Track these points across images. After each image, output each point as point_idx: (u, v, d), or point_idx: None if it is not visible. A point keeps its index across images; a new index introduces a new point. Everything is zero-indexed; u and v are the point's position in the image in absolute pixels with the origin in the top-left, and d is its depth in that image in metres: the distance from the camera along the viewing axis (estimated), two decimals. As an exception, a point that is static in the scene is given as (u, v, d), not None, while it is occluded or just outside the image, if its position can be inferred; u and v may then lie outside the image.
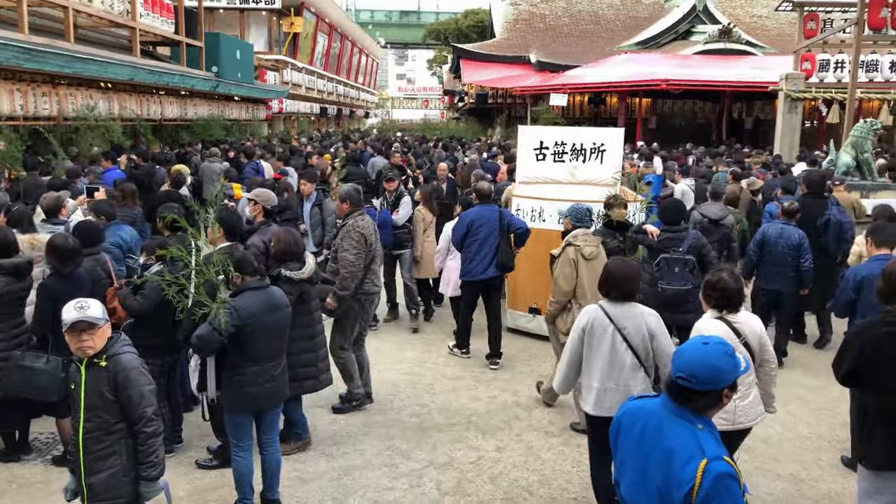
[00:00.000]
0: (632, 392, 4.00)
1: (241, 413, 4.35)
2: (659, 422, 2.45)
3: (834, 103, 17.93)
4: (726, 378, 2.38)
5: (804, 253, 7.05)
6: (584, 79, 28.38)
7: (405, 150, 17.91)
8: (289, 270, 4.87)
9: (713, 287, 3.96)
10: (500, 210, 7.29)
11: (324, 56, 37.54)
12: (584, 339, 4.18)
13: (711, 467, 2.25)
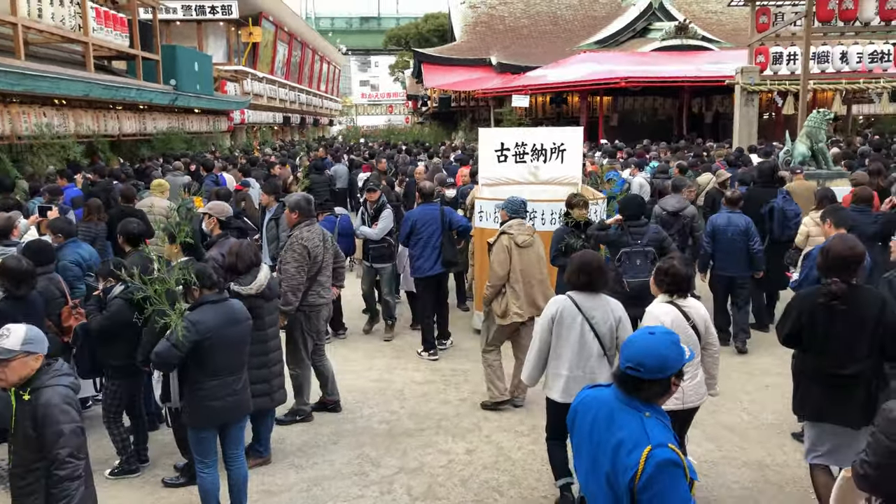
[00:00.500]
0: (598, 380, 4.13)
1: (204, 428, 4.29)
2: (610, 411, 2.51)
3: (789, 95, 18.27)
4: (673, 366, 2.44)
5: (752, 237, 7.38)
6: (545, 79, 28.64)
7: (368, 156, 17.88)
8: (239, 285, 4.80)
9: (665, 273, 4.21)
10: (441, 209, 7.72)
11: (284, 65, 37.30)
12: (552, 329, 4.32)
13: (654, 454, 2.30)
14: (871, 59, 17.91)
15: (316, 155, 17.93)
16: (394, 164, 14.73)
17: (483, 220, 8.08)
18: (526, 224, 6.14)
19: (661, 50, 31.08)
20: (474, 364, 7.23)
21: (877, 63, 17.98)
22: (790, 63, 18.06)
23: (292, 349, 5.81)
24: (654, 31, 34.35)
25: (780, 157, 12.35)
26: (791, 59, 18.04)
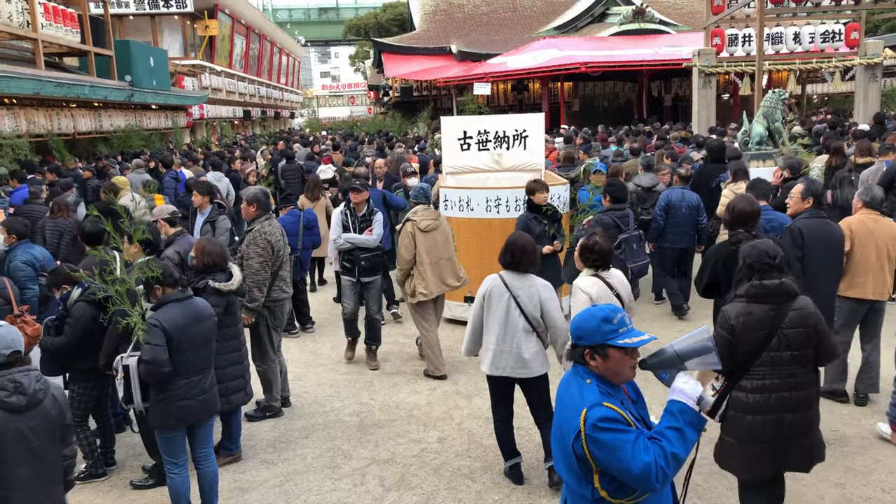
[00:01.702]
0: (523, 355, 4.45)
1: (174, 429, 4.23)
2: (566, 380, 2.63)
3: (745, 76, 18.56)
4: (584, 336, 2.51)
5: (701, 212, 7.93)
6: (506, 66, 28.66)
7: (334, 147, 17.74)
8: (216, 282, 4.75)
9: (591, 250, 4.49)
10: (383, 192, 8.58)
11: (243, 58, 36.79)
12: (483, 305, 4.57)
13: (590, 414, 2.39)
14: (822, 39, 18.27)
15: (276, 148, 17.77)
16: (355, 157, 14.63)
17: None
18: (430, 209, 6.76)
19: (620, 34, 31.31)
20: (445, 354, 7.23)
21: (828, 43, 18.35)
22: (745, 45, 18.36)
23: (259, 345, 5.76)
24: (612, 16, 34.57)
25: (739, 138, 12.53)
26: (746, 41, 18.34)
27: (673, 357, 2.53)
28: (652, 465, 2.31)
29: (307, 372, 6.95)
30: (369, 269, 6.77)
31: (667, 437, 2.40)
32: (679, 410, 2.45)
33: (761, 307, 3.53)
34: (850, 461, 4.80)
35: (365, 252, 6.72)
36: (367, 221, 6.77)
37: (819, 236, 5.04)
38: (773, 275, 3.56)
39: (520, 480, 4.68)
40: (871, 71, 18.64)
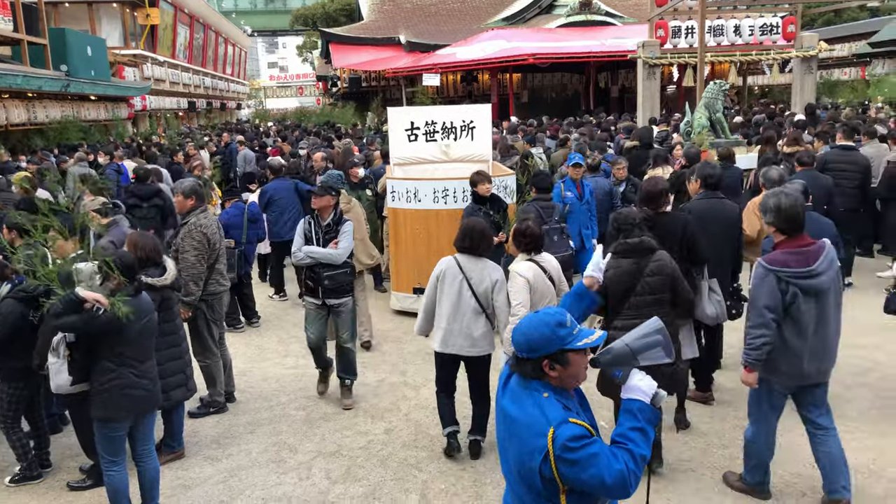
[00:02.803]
0: (473, 335, 4.67)
1: (117, 420, 4.09)
2: (516, 397, 2.42)
3: (688, 67, 18.91)
4: (541, 348, 2.34)
5: (615, 198, 8.51)
6: (455, 57, 28.64)
7: (281, 138, 17.51)
8: (149, 277, 4.63)
9: (523, 234, 4.67)
10: (295, 182, 9.08)
11: (187, 48, 35.96)
12: (437, 286, 4.75)
13: (559, 434, 2.25)
14: (761, 32, 18.72)
15: (220, 140, 17.45)
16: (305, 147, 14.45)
17: (396, 201, 8.06)
18: (343, 193, 7.04)
19: (567, 26, 31.55)
20: (392, 344, 7.27)
21: (767, 35, 18.81)
22: (688, 36, 18.67)
23: (199, 340, 5.65)
24: (559, 7, 34.75)
25: (681, 128, 12.79)
26: (689, 33, 18.65)
27: (626, 353, 2.43)
28: (624, 471, 2.26)
29: (252, 367, 6.86)
30: (335, 290, 5.65)
31: (632, 440, 2.35)
32: (639, 409, 2.39)
33: (627, 261, 4.26)
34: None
35: (329, 269, 5.60)
36: (334, 232, 5.66)
37: (709, 215, 5.43)
38: (635, 233, 4.30)
39: (457, 448, 4.90)
40: (807, 63, 19.20)
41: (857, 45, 31.05)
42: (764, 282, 3.90)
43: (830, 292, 3.93)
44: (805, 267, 3.85)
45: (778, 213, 3.94)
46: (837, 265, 4.01)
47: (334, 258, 5.58)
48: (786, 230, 3.96)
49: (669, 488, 4.44)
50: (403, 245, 8.06)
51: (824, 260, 3.89)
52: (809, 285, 3.86)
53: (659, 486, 4.42)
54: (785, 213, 3.92)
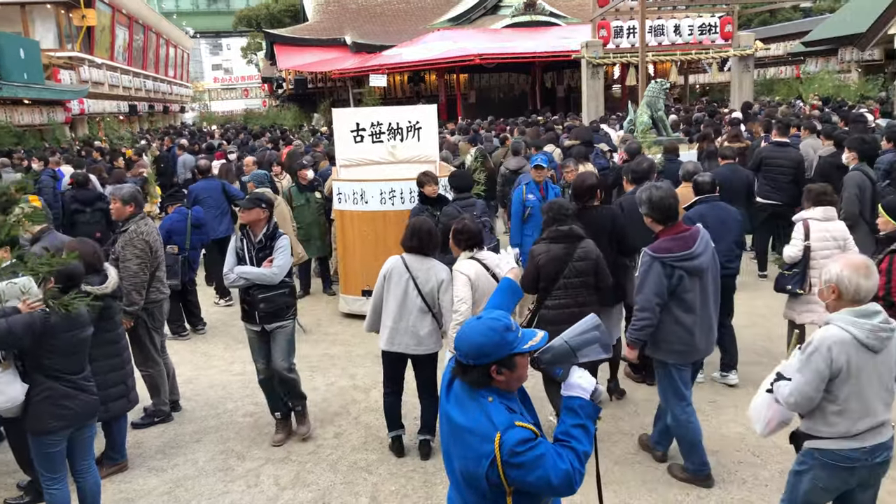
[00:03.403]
0: (419, 333, 4.71)
1: (52, 433, 3.96)
2: (460, 402, 2.40)
3: (630, 67, 19.28)
4: (490, 354, 2.30)
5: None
6: (401, 58, 28.60)
7: (225, 140, 17.23)
8: (89, 285, 4.50)
9: (461, 232, 4.72)
10: (222, 183, 9.22)
11: (126, 50, 35.08)
12: (384, 284, 4.76)
13: (506, 439, 2.24)
14: (700, 32, 19.22)
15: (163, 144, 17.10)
16: (248, 150, 14.27)
17: (342, 203, 8.00)
18: (268, 192, 7.18)
19: (512, 26, 31.82)
20: (342, 348, 7.22)
21: (706, 35, 19.33)
22: (630, 36, 19.06)
23: (140, 349, 5.51)
24: (504, 8, 35.05)
25: (625, 127, 13.02)
26: (630, 33, 19.04)
27: (567, 351, 2.43)
28: (570, 471, 2.27)
29: (199, 374, 6.73)
30: (272, 314, 5.04)
31: (575, 437, 2.36)
32: (580, 406, 2.41)
33: (558, 246, 4.69)
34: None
35: (264, 290, 4.99)
36: (268, 249, 5.03)
37: (635, 208, 5.54)
38: (567, 222, 4.73)
39: (401, 452, 4.95)
40: (744, 62, 19.78)
41: (791, 44, 32.09)
42: (651, 269, 4.17)
43: (709, 272, 4.27)
44: (686, 250, 4.16)
45: (650, 204, 4.27)
46: (712, 246, 4.34)
47: (269, 279, 4.96)
48: (660, 220, 4.28)
49: (617, 480, 4.51)
50: (351, 247, 8.01)
51: (700, 243, 4.22)
52: (692, 266, 4.17)
53: (606, 479, 4.49)
54: (657, 204, 4.24)
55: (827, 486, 3.17)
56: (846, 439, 3.06)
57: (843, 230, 5.53)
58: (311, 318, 8.25)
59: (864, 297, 3.01)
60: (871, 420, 3.04)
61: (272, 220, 5.15)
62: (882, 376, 3.05)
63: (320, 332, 7.80)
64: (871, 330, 2.97)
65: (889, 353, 3.05)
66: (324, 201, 8.99)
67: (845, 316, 3.01)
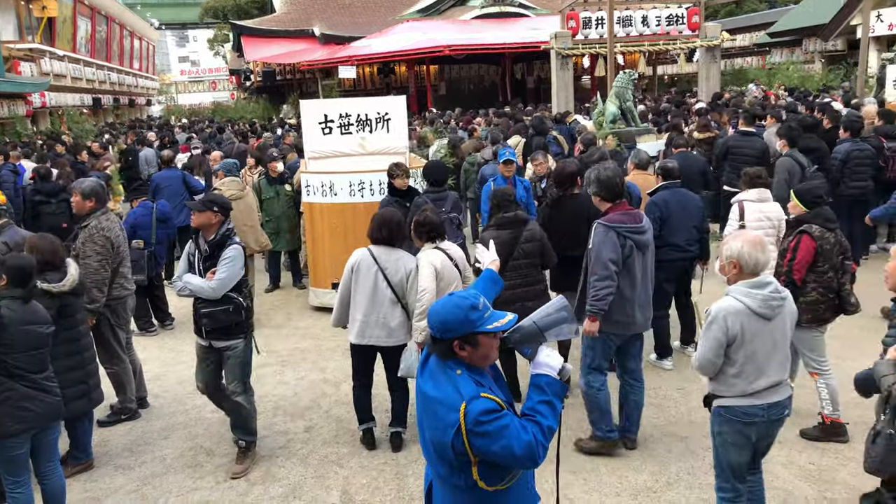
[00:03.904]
0: (390, 325, 4.68)
1: (16, 436, 3.87)
2: (431, 374, 2.49)
3: (599, 58, 19.36)
4: (453, 329, 2.41)
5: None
6: (371, 49, 28.42)
7: (192, 134, 16.99)
8: (47, 283, 4.39)
9: (423, 224, 4.75)
10: (182, 173, 9.49)
11: (88, 42, 34.36)
12: (351, 278, 4.71)
13: (471, 408, 2.33)
14: (668, 22, 19.37)
15: (127, 138, 16.82)
16: (215, 144, 14.09)
17: (311, 195, 7.93)
18: (236, 181, 7.79)
19: (482, 17, 31.76)
20: (313, 341, 7.17)
21: (673, 25, 19.48)
22: (598, 27, 19.14)
23: (104, 346, 5.39)
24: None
25: (594, 117, 13.08)
26: (599, 24, 19.11)
27: (535, 331, 2.52)
28: (532, 442, 2.34)
29: (167, 370, 6.64)
30: (221, 331, 4.60)
31: (540, 413, 2.44)
32: (546, 384, 2.49)
33: (505, 231, 4.95)
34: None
35: (206, 305, 4.54)
36: (215, 258, 4.55)
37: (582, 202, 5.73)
38: (511, 208, 5.06)
39: (372, 445, 4.94)
40: (711, 52, 19.97)
41: (757, 35, 32.50)
42: (607, 237, 4.38)
43: (649, 251, 4.55)
44: (634, 224, 4.44)
45: (598, 183, 4.50)
46: (651, 227, 4.64)
47: (207, 293, 4.48)
48: (608, 198, 4.51)
49: (587, 469, 4.54)
50: (320, 240, 7.95)
51: (645, 221, 4.55)
52: (640, 240, 4.44)
53: (576, 468, 4.53)
54: (605, 183, 4.47)
55: (735, 441, 3.45)
56: (745, 397, 3.37)
57: (778, 211, 5.75)
58: (282, 312, 8.19)
59: (761, 270, 3.32)
60: (766, 380, 3.34)
61: (224, 226, 4.64)
62: (777, 341, 3.34)
63: (290, 325, 7.74)
64: (762, 300, 3.27)
65: (782, 320, 3.35)
66: (293, 194, 8.90)
67: (740, 288, 3.32)
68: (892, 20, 22.29)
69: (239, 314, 4.59)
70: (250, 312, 4.79)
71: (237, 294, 4.58)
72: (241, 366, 4.72)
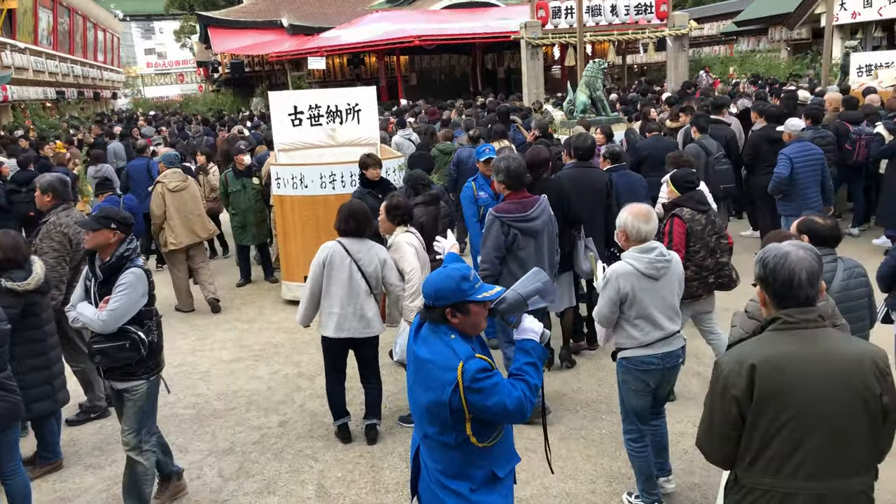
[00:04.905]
0: (367, 315, 4.70)
1: None
2: (424, 339, 2.69)
3: (569, 47, 19.41)
4: (446, 297, 2.62)
5: None
6: (340, 40, 28.22)
7: (160, 127, 16.72)
8: (10, 280, 4.29)
9: (396, 207, 4.91)
10: (147, 161, 9.84)
11: (51, 34, 33.59)
12: (323, 272, 4.66)
13: (468, 367, 2.54)
14: (636, 12, 19.46)
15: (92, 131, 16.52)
16: (183, 136, 13.89)
17: (281, 188, 7.86)
18: (178, 173, 7.95)
19: (451, 7, 31.70)
20: (286, 335, 7.12)
21: (642, 15, 19.58)
22: (568, 17, 19.17)
23: (69, 344, 5.26)
24: (442, -11, 34.87)
25: (564, 107, 13.11)
26: (568, 13, 19.15)
27: (519, 300, 2.71)
28: (522, 398, 2.57)
29: (137, 367, 6.53)
30: (115, 370, 3.92)
31: (527, 373, 2.68)
32: (532, 347, 2.75)
33: (431, 208, 5.66)
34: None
35: (100, 340, 3.85)
36: (109, 284, 3.86)
37: (581, 181, 5.97)
38: (426, 189, 5.79)
39: (347, 439, 4.93)
40: (679, 41, 20.13)
41: (724, 23, 32.84)
42: (492, 226, 4.76)
43: (544, 233, 4.87)
44: (522, 213, 4.76)
45: (507, 172, 4.80)
46: (550, 212, 4.97)
47: (96, 326, 3.80)
48: (511, 185, 4.84)
49: (563, 456, 4.57)
50: (292, 233, 7.88)
51: (538, 208, 4.83)
52: (526, 227, 4.77)
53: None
54: (513, 173, 4.80)
55: (636, 388, 3.85)
56: (642, 348, 3.78)
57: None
58: (254, 307, 8.12)
59: (646, 238, 3.74)
60: (659, 332, 3.76)
61: (123, 246, 3.94)
62: (665, 298, 3.79)
63: (263, 319, 7.67)
64: (648, 262, 3.71)
65: (669, 280, 3.80)
66: (261, 187, 8.81)
67: (630, 252, 3.77)
68: (856, 8, 22.66)
69: (137, 351, 3.84)
70: (156, 348, 4.02)
71: (137, 327, 3.84)
72: (138, 413, 3.97)
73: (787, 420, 2.24)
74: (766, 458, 2.29)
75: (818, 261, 2.37)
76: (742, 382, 2.28)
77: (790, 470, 2.26)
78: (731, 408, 2.31)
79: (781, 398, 2.25)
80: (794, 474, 2.25)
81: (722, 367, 2.37)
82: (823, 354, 2.27)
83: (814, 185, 7.43)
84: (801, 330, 2.31)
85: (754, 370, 2.27)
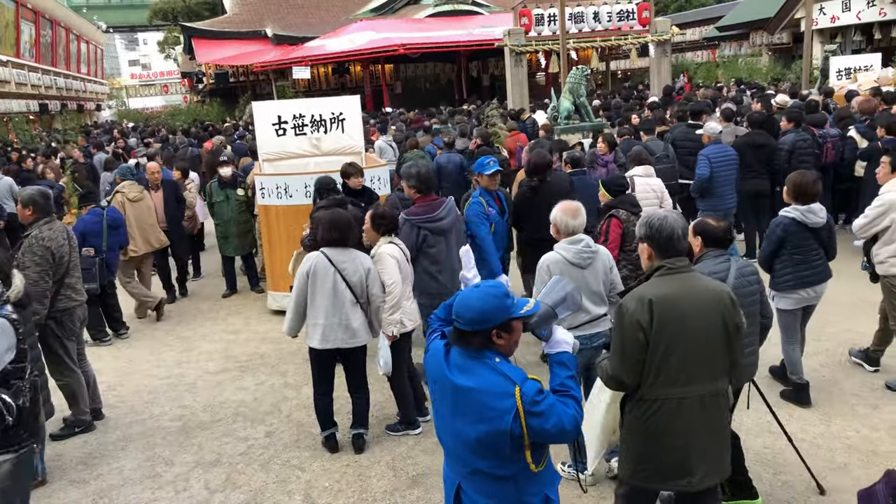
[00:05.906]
0: (353, 325, 4.66)
1: None
2: (463, 369, 2.49)
3: (553, 54, 19.51)
4: (491, 319, 2.45)
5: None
6: (325, 49, 28.23)
7: (146, 139, 16.66)
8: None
9: (382, 217, 4.92)
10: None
11: (33, 46, 33.39)
12: (308, 283, 4.64)
13: (526, 390, 2.40)
14: (619, 18, 19.59)
15: (80, 143, 16.44)
16: (169, 146, 13.85)
17: (266, 197, 7.84)
18: (135, 184, 8.24)
19: (435, 16, 31.79)
20: (272, 346, 7.10)
21: (624, 21, 19.71)
22: (551, 24, 19.27)
23: (53, 359, 5.22)
24: (426, -3, 34.99)
25: (549, 113, 13.18)
26: (551, 20, 19.25)
27: (549, 312, 2.62)
28: (576, 416, 2.46)
29: (122, 380, 6.50)
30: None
31: (571, 387, 2.57)
32: (569, 360, 2.66)
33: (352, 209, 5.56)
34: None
35: None
36: None
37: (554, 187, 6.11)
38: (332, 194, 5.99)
39: (335, 449, 4.92)
40: (662, 47, 20.28)
41: (706, 29, 33.13)
42: (402, 228, 5.14)
43: (451, 232, 5.35)
44: (430, 214, 5.26)
45: (418, 177, 5.31)
46: (456, 212, 5.45)
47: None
48: (421, 189, 5.34)
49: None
50: (277, 243, 7.87)
51: (444, 209, 5.33)
52: (435, 227, 5.27)
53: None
54: (423, 178, 5.32)
55: None
56: (572, 329, 3.92)
57: (661, 185, 6.77)
58: (240, 317, 8.09)
59: (574, 231, 4.16)
60: (586, 315, 4.13)
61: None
62: (591, 285, 4.16)
63: (249, 330, 7.65)
64: (575, 252, 4.13)
65: (595, 269, 4.19)
66: (246, 198, 8.78)
67: (560, 244, 4.18)
68: (835, 13, 22.94)
69: (1, 418, 3.11)
70: (28, 414, 3.30)
71: (2, 390, 3.17)
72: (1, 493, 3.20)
73: (680, 341, 2.91)
74: (665, 373, 2.95)
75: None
76: (646, 314, 2.92)
77: (683, 380, 2.95)
78: (639, 335, 2.93)
79: (674, 324, 2.92)
80: (686, 382, 2.95)
81: (627, 305, 2.99)
82: (697, 290, 3.00)
83: (729, 183, 7.96)
84: (679, 274, 3.03)
85: (653, 304, 2.93)
